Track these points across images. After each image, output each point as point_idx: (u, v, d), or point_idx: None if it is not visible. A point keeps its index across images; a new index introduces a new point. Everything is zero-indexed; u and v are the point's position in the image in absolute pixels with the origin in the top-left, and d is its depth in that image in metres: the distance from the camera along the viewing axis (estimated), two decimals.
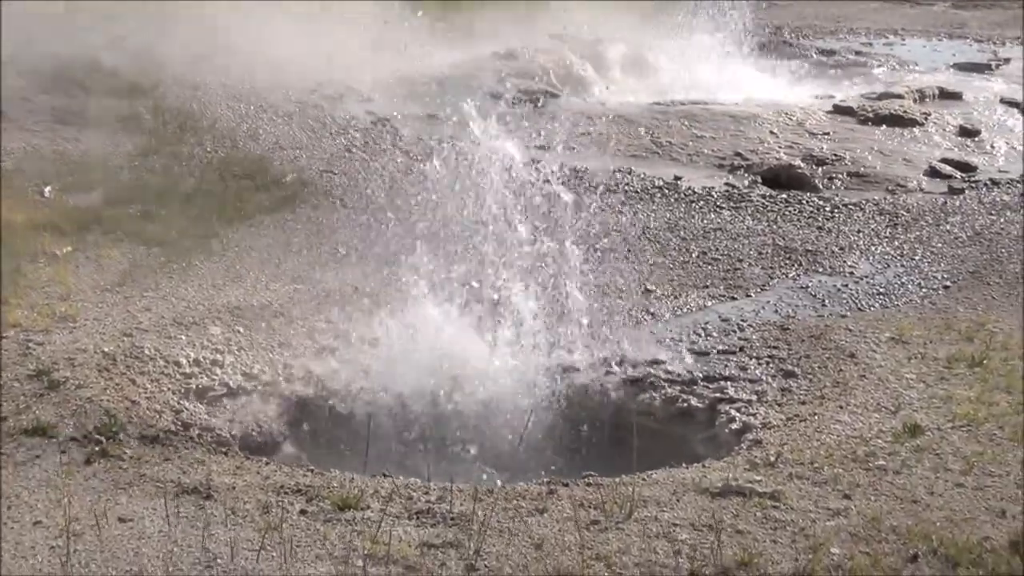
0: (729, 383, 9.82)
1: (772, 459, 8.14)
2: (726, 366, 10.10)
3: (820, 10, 31.23)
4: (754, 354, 10.28)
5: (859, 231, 13.67)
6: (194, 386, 9.38)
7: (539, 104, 19.43)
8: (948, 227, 13.83)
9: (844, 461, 8.13)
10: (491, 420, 9.47)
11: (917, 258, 12.74)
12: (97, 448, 8.00)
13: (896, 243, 13.26)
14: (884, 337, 10.41)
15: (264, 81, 20.05)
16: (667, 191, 14.96)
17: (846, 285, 11.95)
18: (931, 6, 32.85)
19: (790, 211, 14.31)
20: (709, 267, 12.39)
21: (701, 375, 9.96)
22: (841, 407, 9.07)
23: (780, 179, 15.65)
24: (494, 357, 9.83)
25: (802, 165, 16.25)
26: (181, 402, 9.09)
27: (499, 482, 8.21)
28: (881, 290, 11.77)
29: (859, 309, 11.30)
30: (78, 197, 13.54)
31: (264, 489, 7.64)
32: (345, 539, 7.03)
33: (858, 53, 26.67)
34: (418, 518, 7.33)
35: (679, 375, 9.97)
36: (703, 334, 10.70)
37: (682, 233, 13.39)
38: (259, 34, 22.56)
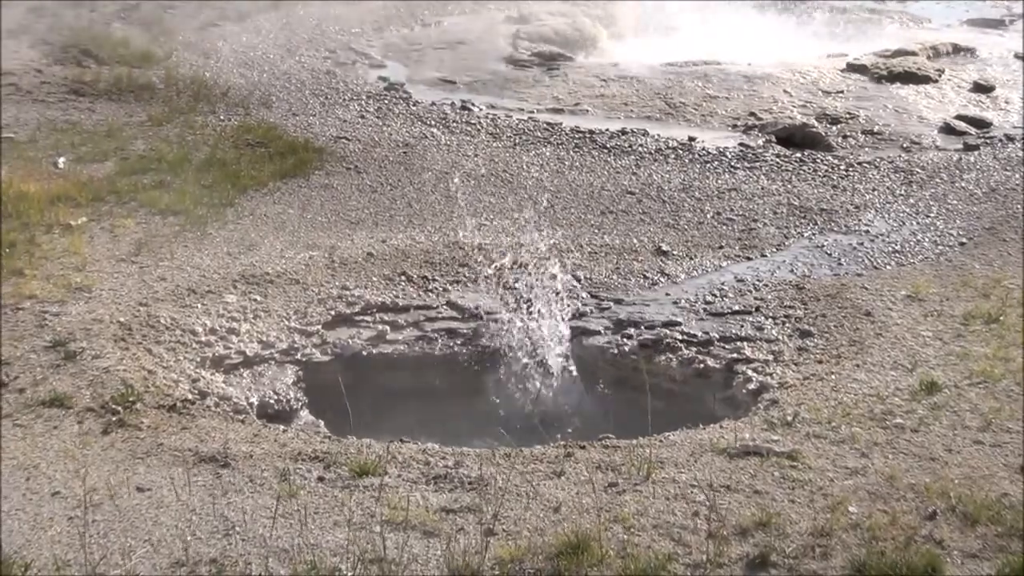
0: (745, 343, 9.80)
1: (789, 419, 8.14)
2: (742, 326, 10.08)
3: None
4: (770, 314, 10.25)
5: (874, 189, 13.61)
6: (211, 355, 9.39)
7: (552, 67, 19.39)
8: (963, 184, 13.75)
9: (861, 420, 8.12)
10: (506, 383, 9.50)
11: (932, 215, 12.69)
12: (114, 418, 8.03)
13: (911, 200, 13.20)
14: (900, 295, 10.38)
15: (276, 48, 20.05)
16: (681, 152, 14.90)
17: (862, 243, 11.90)
18: None
19: (804, 170, 14.25)
20: (724, 227, 12.35)
21: (717, 336, 9.94)
22: (858, 366, 9.05)
23: (794, 138, 15.59)
24: (513, 318, 9.85)
25: (816, 124, 16.19)
26: (198, 371, 9.10)
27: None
28: (897, 248, 11.72)
29: (875, 267, 11.26)
30: (92, 167, 13.54)
31: (282, 457, 7.66)
32: (363, 505, 7.05)
33: (872, 11, 26.53)
34: (436, 483, 7.35)
35: (695, 336, 9.95)
36: (719, 295, 10.67)
37: (696, 194, 13.33)
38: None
